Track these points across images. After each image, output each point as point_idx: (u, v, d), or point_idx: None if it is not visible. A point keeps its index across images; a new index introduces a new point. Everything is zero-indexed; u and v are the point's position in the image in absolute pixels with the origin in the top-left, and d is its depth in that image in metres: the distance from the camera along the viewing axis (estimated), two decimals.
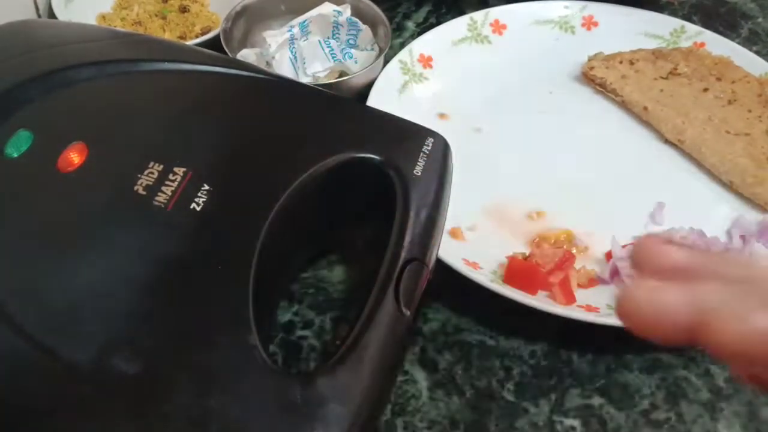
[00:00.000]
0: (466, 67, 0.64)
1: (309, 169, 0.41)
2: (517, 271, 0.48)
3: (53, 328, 0.34)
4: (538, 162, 0.58)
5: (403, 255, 0.39)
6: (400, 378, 0.46)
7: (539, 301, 0.47)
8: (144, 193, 0.39)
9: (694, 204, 0.56)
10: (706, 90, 0.62)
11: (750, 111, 0.60)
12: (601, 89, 0.63)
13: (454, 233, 0.51)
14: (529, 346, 0.48)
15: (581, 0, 0.68)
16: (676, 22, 0.68)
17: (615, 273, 0.50)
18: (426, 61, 0.63)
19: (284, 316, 0.48)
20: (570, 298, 0.47)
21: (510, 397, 0.45)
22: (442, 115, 0.61)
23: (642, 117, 0.61)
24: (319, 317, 0.49)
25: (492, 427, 0.44)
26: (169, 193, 0.39)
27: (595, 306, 0.47)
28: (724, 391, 0.46)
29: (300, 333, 0.48)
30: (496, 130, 0.61)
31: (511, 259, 0.49)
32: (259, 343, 0.35)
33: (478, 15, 0.66)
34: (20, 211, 0.38)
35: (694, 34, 0.67)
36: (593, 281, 0.50)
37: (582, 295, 0.48)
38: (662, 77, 0.63)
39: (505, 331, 0.48)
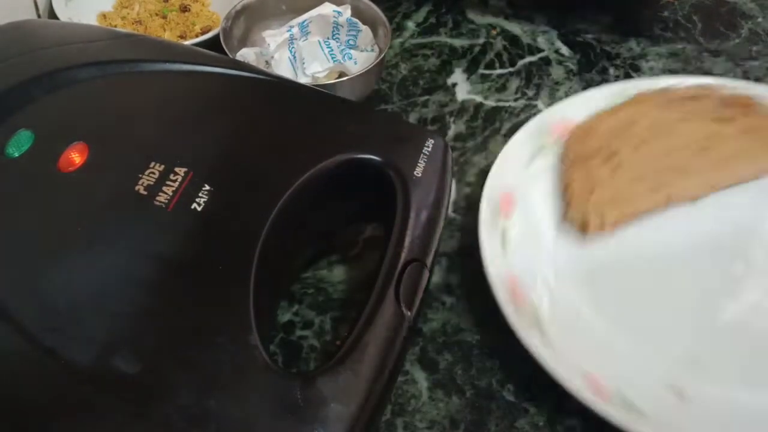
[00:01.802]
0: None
1: (309, 169, 0.41)
2: None
3: (54, 328, 0.35)
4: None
5: (404, 255, 0.39)
6: (400, 378, 0.46)
7: None
8: (145, 193, 0.39)
9: None
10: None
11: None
12: None
13: None
14: None
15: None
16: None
17: None
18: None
19: (284, 316, 0.48)
20: None
21: (510, 397, 0.45)
22: None
23: None
24: (319, 317, 0.49)
25: (492, 427, 0.44)
26: (170, 193, 0.39)
27: None
28: None
29: (300, 333, 0.48)
30: None
31: None
32: (259, 343, 0.35)
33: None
34: (21, 211, 0.38)
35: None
36: None
37: None
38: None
39: (505, 331, 0.48)
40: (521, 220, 0.50)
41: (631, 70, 0.68)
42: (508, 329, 0.48)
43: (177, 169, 0.40)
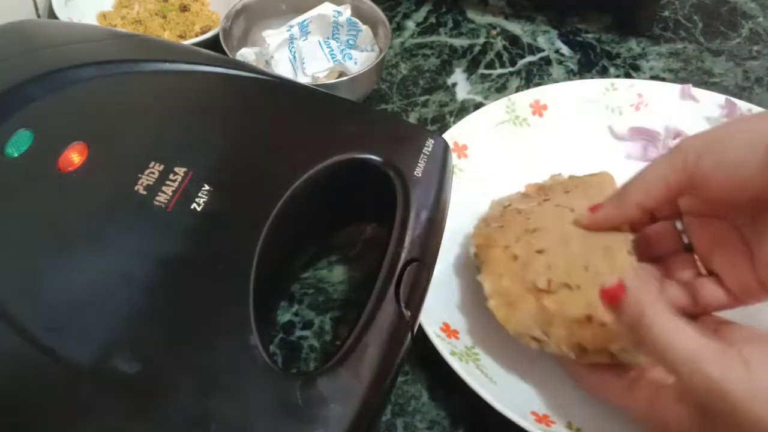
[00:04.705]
0: (504, 153, 0.57)
1: (309, 169, 0.41)
2: None
3: (54, 328, 0.34)
4: None
5: (404, 256, 0.39)
6: (400, 378, 0.46)
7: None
8: (145, 193, 0.39)
9: None
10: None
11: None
12: None
13: None
14: None
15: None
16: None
17: None
18: (461, 150, 0.56)
19: (284, 317, 0.48)
20: None
21: None
22: None
23: None
24: (318, 318, 0.49)
25: (493, 427, 0.44)
26: (170, 193, 0.39)
27: None
28: None
29: (300, 333, 0.48)
30: None
31: None
32: (259, 344, 0.35)
33: (517, 97, 0.59)
34: (20, 211, 0.38)
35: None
36: None
37: None
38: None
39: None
40: None
41: (631, 69, 0.68)
42: None
43: (177, 169, 0.40)
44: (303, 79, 0.59)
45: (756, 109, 0.59)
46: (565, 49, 0.69)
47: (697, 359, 0.31)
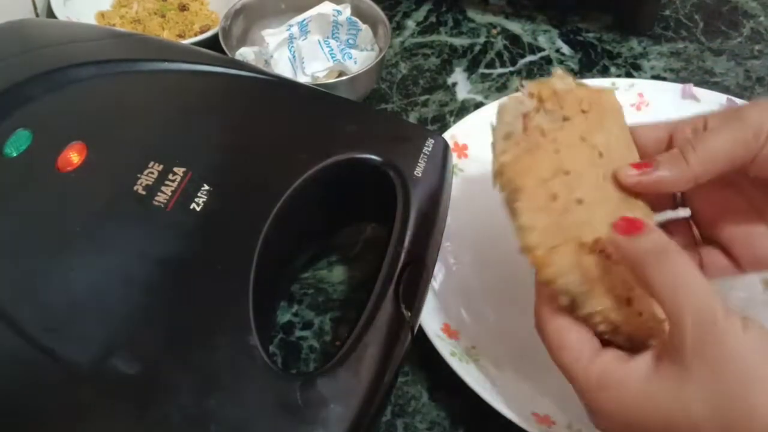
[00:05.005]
0: None
1: (309, 169, 0.41)
2: None
3: (53, 329, 0.34)
4: None
5: (404, 256, 0.39)
6: (400, 379, 0.46)
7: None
8: (144, 193, 0.39)
9: None
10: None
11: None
12: None
13: None
14: None
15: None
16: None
17: None
18: (461, 150, 0.55)
19: (284, 317, 0.48)
20: None
21: None
22: None
23: None
24: (318, 318, 0.48)
25: (494, 429, 0.44)
26: (169, 193, 0.39)
27: None
28: None
29: (299, 333, 0.48)
30: None
31: None
32: (259, 344, 0.35)
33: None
34: (19, 211, 0.38)
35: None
36: None
37: None
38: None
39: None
40: None
41: (632, 69, 0.67)
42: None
43: (176, 169, 0.40)
44: (303, 79, 0.59)
45: None
46: (565, 49, 0.69)
47: (711, 301, 0.31)
